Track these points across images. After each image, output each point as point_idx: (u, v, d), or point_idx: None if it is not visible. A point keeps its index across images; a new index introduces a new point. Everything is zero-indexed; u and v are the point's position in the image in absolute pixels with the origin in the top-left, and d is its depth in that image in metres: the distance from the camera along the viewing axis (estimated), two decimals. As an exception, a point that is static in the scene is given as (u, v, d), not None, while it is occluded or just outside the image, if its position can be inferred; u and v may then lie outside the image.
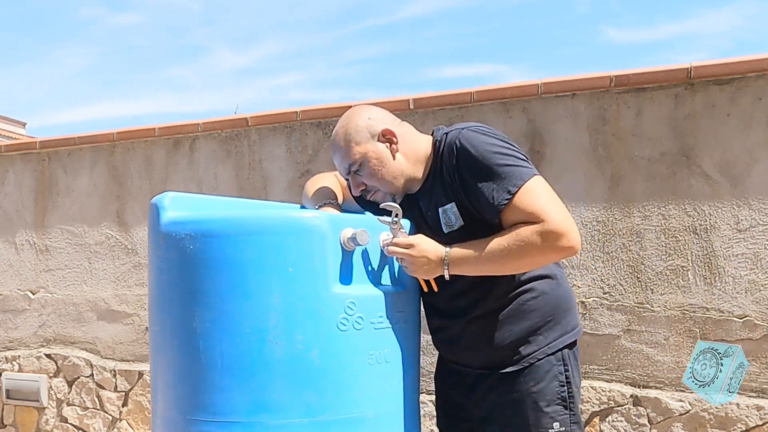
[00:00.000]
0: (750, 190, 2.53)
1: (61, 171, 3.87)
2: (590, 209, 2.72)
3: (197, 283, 1.53)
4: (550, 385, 1.64)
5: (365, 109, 1.76)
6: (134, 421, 3.62)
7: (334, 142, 1.76)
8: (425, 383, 2.97)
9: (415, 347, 1.75)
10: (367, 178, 1.71)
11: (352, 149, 1.70)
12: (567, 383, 1.66)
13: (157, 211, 1.61)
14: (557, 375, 1.65)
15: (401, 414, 1.65)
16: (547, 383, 1.64)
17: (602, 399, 2.68)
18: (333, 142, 1.76)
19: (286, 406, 1.49)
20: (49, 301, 3.87)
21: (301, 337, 1.49)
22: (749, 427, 2.50)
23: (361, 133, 1.70)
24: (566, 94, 2.78)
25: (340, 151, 1.73)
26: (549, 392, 1.64)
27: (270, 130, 3.36)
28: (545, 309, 1.68)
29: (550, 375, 1.65)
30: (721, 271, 2.56)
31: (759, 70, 2.51)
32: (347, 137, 1.71)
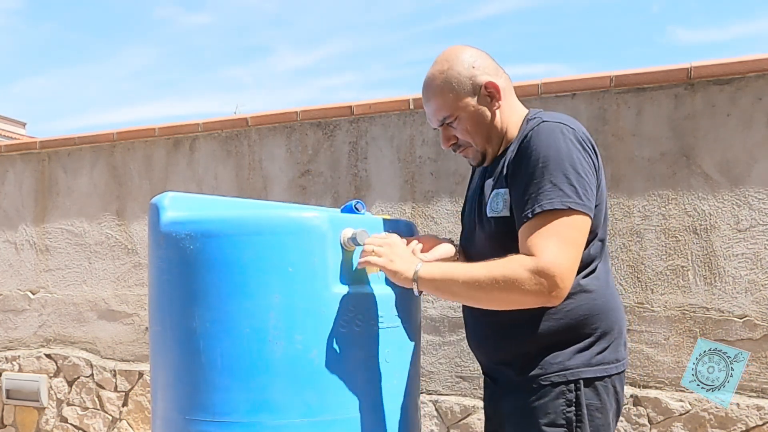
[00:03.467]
0: (750, 190, 2.53)
1: (61, 171, 3.87)
2: (590, 209, 2.72)
3: (197, 283, 1.53)
4: (555, 402, 1.45)
5: (468, 54, 1.55)
6: (134, 421, 3.62)
7: (429, 89, 1.57)
8: (425, 383, 2.97)
9: (415, 347, 1.74)
10: (461, 132, 1.56)
11: (451, 100, 1.53)
12: (576, 404, 1.45)
13: (157, 211, 1.60)
14: (564, 392, 1.45)
15: (401, 414, 1.65)
16: (551, 400, 1.46)
17: (602, 399, 2.68)
18: (428, 88, 1.57)
19: (286, 406, 1.49)
20: (49, 301, 3.87)
21: (301, 337, 1.49)
22: (749, 427, 2.50)
23: (463, 83, 1.53)
24: (566, 94, 2.78)
25: (436, 99, 1.55)
26: (552, 410, 1.45)
27: (270, 130, 3.36)
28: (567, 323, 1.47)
29: (556, 391, 1.46)
30: (721, 271, 2.56)
31: (759, 70, 2.51)
32: (446, 85, 1.53)
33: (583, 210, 1.39)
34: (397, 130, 3.10)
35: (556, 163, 1.40)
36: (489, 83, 1.53)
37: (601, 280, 1.52)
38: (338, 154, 3.21)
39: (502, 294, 1.39)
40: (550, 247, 1.36)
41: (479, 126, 1.55)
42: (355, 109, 3.15)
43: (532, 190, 1.40)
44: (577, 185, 1.39)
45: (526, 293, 1.36)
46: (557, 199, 1.38)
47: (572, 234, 1.39)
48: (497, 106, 1.55)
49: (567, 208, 1.37)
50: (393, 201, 3.10)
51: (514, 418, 1.52)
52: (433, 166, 3.02)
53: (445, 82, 1.54)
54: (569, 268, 1.37)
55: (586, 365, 1.47)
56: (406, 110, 3.06)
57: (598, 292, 1.50)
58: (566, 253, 1.37)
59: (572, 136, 1.45)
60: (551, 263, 1.34)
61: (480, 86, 1.53)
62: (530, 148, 1.44)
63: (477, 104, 1.54)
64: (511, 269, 1.37)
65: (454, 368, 2.96)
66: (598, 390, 1.47)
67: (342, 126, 3.21)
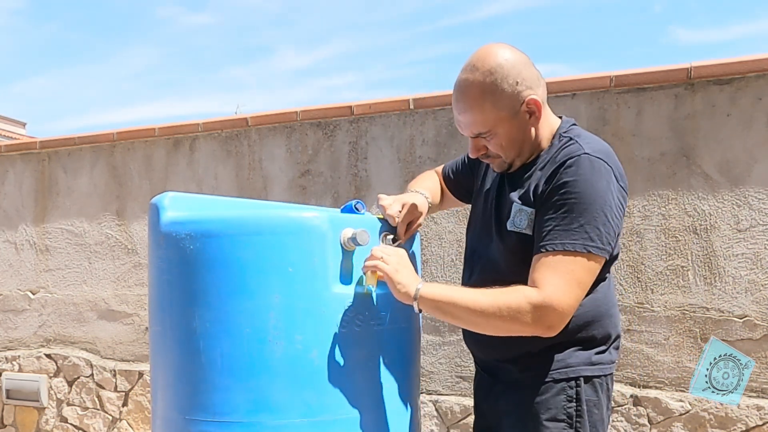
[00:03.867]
0: (750, 190, 2.53)
1: (61, 171, 3.87)
2: (590, 209, 2.72)
3: (197, 283, 1.53)
4: (556, 398, 1.48)
5: (512, 66, 1.45)
6: (134, 421, 3.62)
7: (467, 97, 1.48)
8: (425, 383, 2.97)
9: (415, 347, 1.74)
10: (494, 146, 1.51)
11: (491, 117, 1.47)
12: (576, 400, 1.48)
13: (157, 211, 1.60)
14: (565, 389, 1.48)
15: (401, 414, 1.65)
16: (552, 396, 1.48)
17: (602, 399, 2.68)
18: (465, 97, 1.48)
19: (286, 406, 1.49)
20: (49, 301, 3.87)
21: (301, 337, 1.49)
22: (749, 427, 2.50)
23: (505, 101, 1.45)
24: (566, 94, 2.78)
25: (473, 112, 1.48)
26: (553, 405, 1.48)
27: (270, 130, 3.36)
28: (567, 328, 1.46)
29: (557, 388, 1.49)
30: (721, 271, 2.56)
31: (759, 70, 2.51)
32: (487, 99, 1.45)
33: (601, 254, 1.41)
34: (397, 130, 3.10)
35: (590, 205, 1.39)
36: (531, 100, 1.47)
37: (605, 287, 1.55)
38: (338, 154, 3.21)
39: (504, 323, 1.42)
40: (560, 286, 1.38)
41: (514, 143, 1.51)
42: (355, 109, 3.15)
43: (557, 225, 1.40)
44: (603, 229, 1.40)
45: (525, 325, 1.40)
46: (580, 242, 1.39)
47: (583, 276, 1.41)
48: (536, 124, 1.51)
49: (587, 251, 1.39)
50: (393, 201, 3.10)
51: (515, 414, 1.53)
52: (433, 166, 3.02)
53: (486, 96, 1.46)
54: (571, 307, 1.40)
55: (585, 364, 1.50)
56: (406, 110, 3.06)
57: (602, 299, 1.53)
58: (572, 293, 1.39)
59: (611, 177, 1.43)
60: (556, 301, 1.37)
61: (522, 102, 1.47)
62: (568, 180, 1.41)
63: (516, 121, 1.48)
64: (516, 300, 1.39)
65: (454, 368, 2.96)
66: (595, 387, 1.51)
67: (342, 126, 3.21)
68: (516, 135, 1.50)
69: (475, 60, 1.48)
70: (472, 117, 1.49)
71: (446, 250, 2.99)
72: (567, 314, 1.40)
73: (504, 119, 1.47)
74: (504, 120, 1.47)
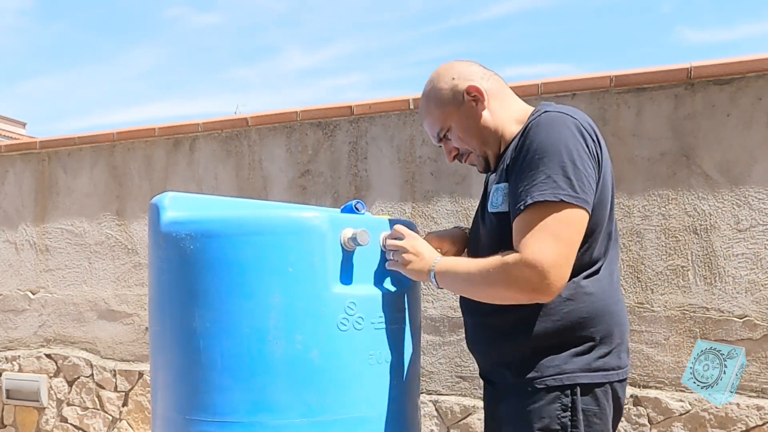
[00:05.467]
0: (750, 190, 2.53)
1: (61, 171, 3.87)
2: (590, 209, 2.73)
3: (197, 283, 1.53)
4: (550, 406, 1.43)
5: (450, 69, 1.62)
6: (134, 421, 3.62)
7: (421, 109, 1.67)
8: (425, 383, 2.97)
9: (415, 347, 1.74)
10: (457, 142, 1.62)
11: (438, 114, 1.60)
12: (572, 409, 1.42)
13: (157, 211, 1.60)
14: (560, 397, 1.42)
15: (401, 414, 1.65)
16: (546, 404, 1.43)
17: (602, 399, 2.68)
18: (420, 109, 1.67)
19: (286, 406, 1.49)
20: (49, 301, 3.87)
21: (301, 337, 1.49)
22: (749, 427, 2.50)
23: (445, 96, 1.59)
24: (566, 93, 2.78)
25: (427, 117, 1.64)
26: (547, 414, 1.43)
27: (270, 130, 3.36)
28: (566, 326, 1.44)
29: (552, 395, 1.43)
30: (721, 271, 2.56)
31: (759, 70, 2.51)
32: (431, 101, 1.62)
33: (577, 203, 1.35)
34: (397, 130, 3.10)
35: (553, 154, 1.37)
36: (469, 87, 1.56)
37: (604, 282, 1.48)
38: (338, 154, 3.21)
39: (492, 290, 1.43)
40: (536, 242, 1.34)
41: (469, 130, 1.58)
42: (355, 109, 3.15)
43: (526, 182, 1.38)
44: (573, 177, 1.35)
45: (512, 288, 1.38)
46: (549, 191, 1.35)
47: (561, 228, 1.35)
48: (483, 108, 1.57)
49: (559, 200, 1.34)
50: (393, 201, 3.10)
51: (510, 422, 1.50)
52: (433, 166, 3.02)
53: (429, 99, 1.62)
54: (555, 262, 1.33)
55: (584, 370, 1.44)
56: (406, 110, 3.06)
57: (598, 295, 1.46)
58: (553, 248, 1.33)
59: (573, 125, 1.41)
60: (535, 258, 1.33)
61: (461, 93, 1.57)
62: (529, 138, 1.42)
63: (464, 111, 1.58)
64: (498, 265, 1.39)
65: (454, 368, 2.97)
66: (596, 395, 1.44)
67: (342, 126, 3.21)
68: (468, 123, 1.58)
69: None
70: (427, 122, 1.65)
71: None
72: (552, 271, 1.33)
73: (451, 112, 1.59)
74: (451, 113, 1.59)
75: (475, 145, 1.60)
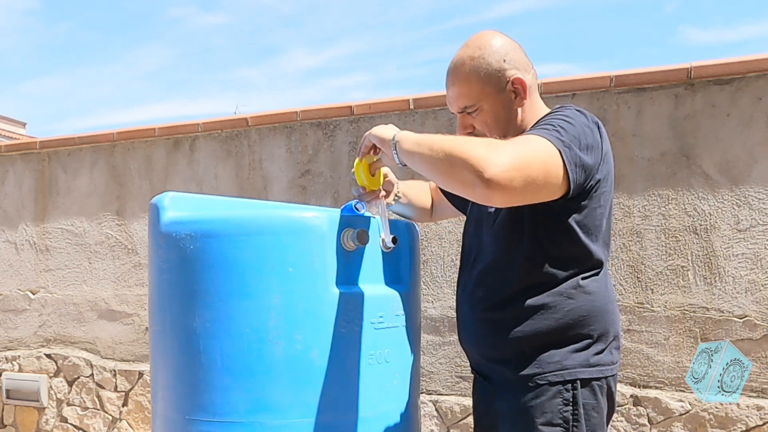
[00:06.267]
0: (750, 190, 2.53)
1: (61, 171, 3.87)
2: (590, 209, 2.72)
3: (197, 283, 1.53)
4: (552, 401, 1.44)
5: (501, 44, 1.51)
6: (134, 421, 3.62)
7: (455, 73, 1.53)
8: (425, 383, 2.97)
9: (415, 347, 1.74)
10: (480, 123, 1.53)
11: (476, 90, 1.50)
12: (573, 403, 1.44)
13: (157, 211, 1.60)
14: (561, 392, 1.44)
15: (401, 414, 1.65)
16: (548, 399, 1.44)
17: (602, 399, 2.68)
18: (454, 72, 1.53)
19: (286, 406, 1.49)
20: (49, 301, 3.87)
21: (301, 337, 1.49)
22: (749, 427, 2.50)
23: (491, 75, 1.49)
24: (566, 93, 2.78)
25: (460, 86, 1.52)
26: (549, 409, 1.44)
27: (270, 130, 3.36)
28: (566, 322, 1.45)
29: (553, 391, 1.44)
30: (721, 271, 2.56)
31: (759, 70, 2.51)
32: (474, 73, 1.49)
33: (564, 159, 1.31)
34: (397, 130, 3.10)
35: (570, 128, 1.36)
36: (517, 79, 1.50)
37: (601, 282, 1.51)
38: (338, 154, 3.21)
39: (443, 164, 1.31)
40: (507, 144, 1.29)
41: (499, 121, 1.52)
42: (355, 109, 3.15)
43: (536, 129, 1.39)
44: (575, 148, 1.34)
45: (458, 165, 1.27)
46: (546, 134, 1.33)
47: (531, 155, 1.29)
48: (521, 104, 1.52)
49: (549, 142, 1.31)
50: (393, 201, 3.10)
51: (510, 418, 1.50)
52: (433, 166, 3.02)
53: (473, 69, 1.50)
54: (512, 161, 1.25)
55: (583, 365, 1.46)
56: (406, 110, 3.06)
57: (597, 294, 1.49)
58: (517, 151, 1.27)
59: (593, 120, 1.44)
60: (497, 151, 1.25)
61: (507, 81, 1.50)
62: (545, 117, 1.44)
63: (502, 99, 1.51)
64: (464, 141, 1.31)
65: (454, 368, 2.96)
66: (594, 390, 1.47)
67: (342, 126, 3.21)
68: (501, 113, 1.52)
69: (469, 39, 1.55)
70: (459, 89, 1.52)
71: (446, 250, 2.99)
72: (503, 165, 1.23)
73: (489, 94, 1.50)
74: (489, 95, 1.50)
75: (497, 135, 1.52)
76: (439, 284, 2.99)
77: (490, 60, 1.49)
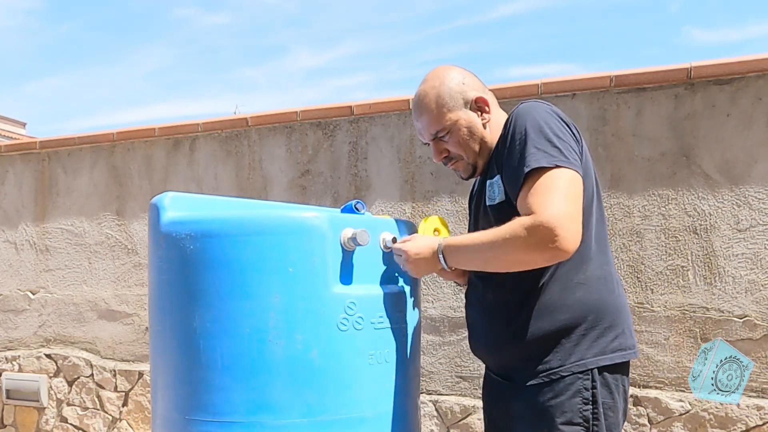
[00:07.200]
0: (750, 190, 2.53)
1: (61, 171, 3.87)
2: (590, 209, 2.73)
3: (197, 283, 1.53)
4: (572, 401, 1.46)
5: (457, 73, 1.64)
6: (134, 421, 3.62)
7: (420, 105, 1.63)
8: (425, 383, 2.97)
9: (415, 347, 1.74)
10: (452, 145, 1.63)
11: (444, 115, 1.60)
12: (593, 402, 1.46)
13: (157, 211, 1.61)
14: (581, 390, 1.46)
15: (401, 414, 1.65)
16: (568, 398, 1.46)
17: (602, 399, 2.68)
18: (419, 105, 1.64)
19: (286, 406, 1.49)
20: (49, 301, 3.87)
21: (301, 337, 1.49)
22: (749, 427, 2.50)
23: (454, 98, 1.60)
24: (566, 94, 2.78)
25: (428, 114, 1.62)
26: (569, 408, 1.45)
27: (270, 130, 3.36)
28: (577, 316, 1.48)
29: (573, 389, 1.46)
30: (721, 271, 2.56)
31: (759, 70, 2.51)
32: (438, 101, 1.60)
33: (571, 167, 1.42)
34: (397, 130, 3.10)
35: (537, 130, 1.45)
36: (479, 98, 1.61)
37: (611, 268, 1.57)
38: (338, 154, 3.21)
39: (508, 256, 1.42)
40: (546, 201, 1.37)
41: (471, 139, 1.61)
42: (355, 109, 3.15)
43: (519, 160, 1.44)
44: (560, 146, 1.43)
45: (529, 249, 1.38)
46: (543, 158, 1.41)
47: (565, 186, 1.40)
48: (487, 120, 1.62)
49: (554, 165, 1.40)
50: (393, 201, 3.10)
51: (529, 418, 1.50)
52: (433, 166, 3.02)
53: (436, 97, 1.61)
54: (569, 215, 1.37)
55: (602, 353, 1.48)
56: (406, 110, 3.06)
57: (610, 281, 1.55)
58: (561, 204, 1.37)
59: (549, 109, 1.52)
60: (549, 215, 1.35)
61: (471, 101, 1.61)
62: (512, 127, 1.50)
63: (468, 118, 1.61)
64: (511, 229, 1.40)
65: (454, 368, 2.96)
66: (610, 388, 1.49)
67: (342, 126, 3.21)
68: (471, 131, 1.61)
69: (426, 75, 1.67)
70: (427, 119, 1.63)
71: (446, 250, 2.99)
72: (567, 225, 1.35)
73: (457, 116, 1.60)
74: (457, 117, 1.60)
75: (470, 154, 1.63)
76: (439, 284, 2.99)
77: (450, 85, 1.61)
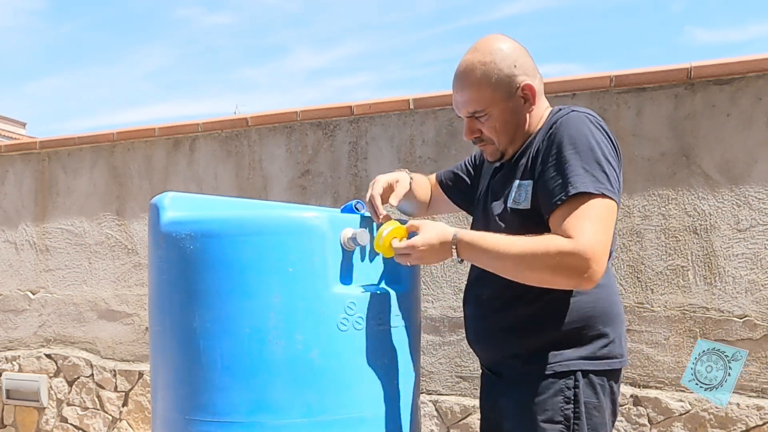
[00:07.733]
0: (750, 190, 2.53)
1: (61, 171, 3.87)
2: (590, 209, 2.72)
3: (197, 283, 1.53)
4: (554, 399, 1.46)
5: (511, 51, 1.51)
6: (134, 421, 3.62)
7: (465, 78, 1.53)
8: (425, 383, 2.97)
9: (415, 347, 1.74)
10: (488, 129, 1.54)
11: (488, 96, 1.50)
12: (574, 401, 1.45)
13: (157, 211, 1.61)
14: (563, 389, 1.46)
15: (401, 414, 1.65)
16: (550, 397, 1.46)
17: (602, 399, 2.68)
18: (464, 78, 1.53)
19: (286, 406, 1.49)
20: (49, 301, 3.87)
21: (301, 337, 1.49)
22: (749, 427, 2.50)
23: (501, 81, 1.49)
24: (566, 94, 2.78)
25: (470, 91, 1.52)
26: (550, 407, 1.46)
27: (270, 130, 3.36)
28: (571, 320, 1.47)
29: (555, 388, 1.46)
30: (721, 271, 2.56)
31: (759, 70, 2.51)
32: (485, 80, 1.50)
33: (614, 198, 1.38)
34: (397, 130, 3.10)
35: (588, 150, 1.39)
36: (527, 85, 1.51)
37: (611, 275, 1.55)
38: (338, 154, 3.21)
39: (533, 273, 1.39)
40: (588, 230, 1.33)
41: (507, 126, 1.53)
42: (355, 109, 3.15)
43: (564, 174, 1.38)
44: (608, 173, 1.38)
45: (557, 272, 1.35)
46: (591, 184, 1.36)
47: (606, 219, 1.37)
48: (529, 110, 1.54)
49: (600, 193, 1.36)
50: (393, 201, 3.10)
51: (514, 414, 1.52)
52: (433, 166, 3.02)
53: (484, 75, 1.50)
54: (604, 251, 1.35)
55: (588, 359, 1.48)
56: (406, 110, 3.06)
57: (609, 288, 1.53)
58: (602, 236, 1.35)
59: (601, 126, 1.45)
60: (588, 245, 1.32)
61: (518, 87, 1.51)
62: (560, 134, 1.43)
63: (511, 104, 1.52)
64: (544, 247, 1.35)
65: (454, 368, 2.96)
66: (596, 389, 1.48)
67: (342, 126, 3.21)
68: (509, 118, 1.53)
69: (477, 43, 1.55)
70: (469, 95, 1.53)
71: (446, 250, 2.99)
72: (600, 259, 1.33)
73: (499, 100, 1.51)
74: (499, 101, 1.51)
75: (503, 140, 1.55)
76: (439, 284, 2.99)
77: (501, 66, 1.50)
